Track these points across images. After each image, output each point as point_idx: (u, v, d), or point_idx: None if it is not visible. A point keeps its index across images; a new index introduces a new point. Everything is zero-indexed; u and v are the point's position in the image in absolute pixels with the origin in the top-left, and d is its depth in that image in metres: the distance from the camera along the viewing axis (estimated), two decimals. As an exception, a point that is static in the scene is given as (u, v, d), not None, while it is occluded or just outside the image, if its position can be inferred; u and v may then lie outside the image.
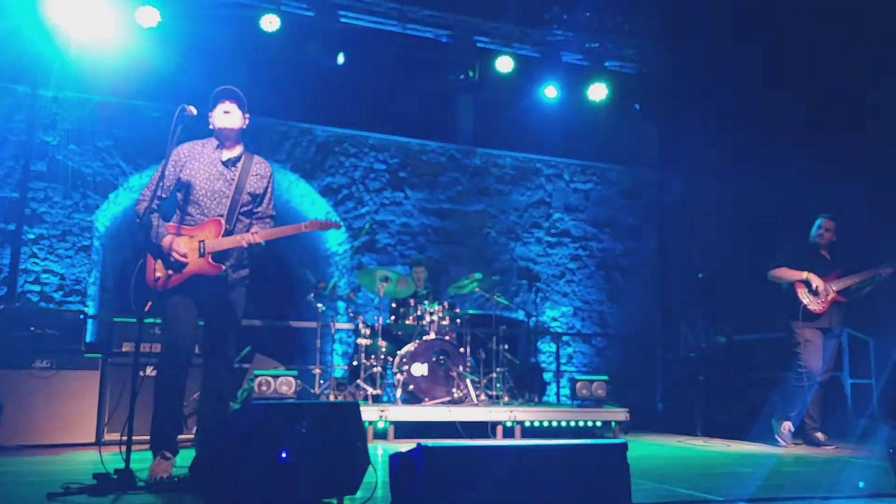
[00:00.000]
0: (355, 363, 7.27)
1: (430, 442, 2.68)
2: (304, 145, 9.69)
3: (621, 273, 11.27)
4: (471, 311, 7.86)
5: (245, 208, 4.28)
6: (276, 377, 6.48)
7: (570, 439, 4.76)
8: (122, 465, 3.43)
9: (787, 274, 6.68)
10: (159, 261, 4.06)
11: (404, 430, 6.45)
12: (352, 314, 7.67)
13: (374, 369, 7.01)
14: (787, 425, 6.42)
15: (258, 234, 4.15)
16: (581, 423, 7.00)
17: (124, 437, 3.52)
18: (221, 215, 4.17)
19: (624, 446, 2.88)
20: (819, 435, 6.42)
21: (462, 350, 7.22)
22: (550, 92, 10.27)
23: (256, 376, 6.46)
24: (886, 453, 3.57)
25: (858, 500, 3.56)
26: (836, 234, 6.85)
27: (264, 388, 6.43)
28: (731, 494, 3.63)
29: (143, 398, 4.15)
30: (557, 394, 9.67)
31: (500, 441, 6.36)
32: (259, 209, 4.38)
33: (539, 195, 10.96)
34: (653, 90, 10.90)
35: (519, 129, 10.73)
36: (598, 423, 7.09)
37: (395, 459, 2.87)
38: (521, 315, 10.18)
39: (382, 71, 9.78)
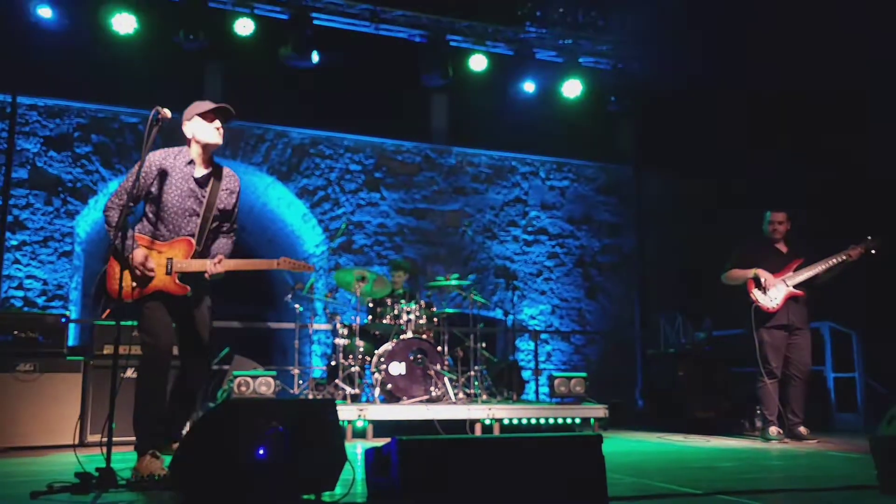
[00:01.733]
0: (333, 363, 7.29)
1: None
2: (280, 148, 9.71)
3: (599, 270, 11.32)
4: (448, 310, 7.88)
5: (213, 225, 4.23)
6: (255, 378, 6.50)
7: (537, 434, 4.73)
8: (103, 465, 3.46)
9: (737, 274, 6.58)
10: (126, 272, 3.89)
11: (383, 428, 6.45)
12: (329, 314, 7.70)
13: (353, 369, 7.03)
14: (774, 430, 6.36)
15: (220, 265, 4.07)
16: (560, 420, 6.98)
17: (105, 438, 3.55)
18: (192, 234, 4.11)
19: (599, 438, 2.91)
20: (802, 429, 6.37)
21: (440, 349, 7.24)
22: (528, 87, 10.29)
23: (235, 377, 6.48)
24: (869, 445, 3.56)
25: (840, 493, 3.56)
26: (790, 225, 6.68)
27: (243, 388, 6.46)
28: (711, 487, 3.62)
29: (123, 399, 4.15)
30: (536, 391, 9.73)
31: (475, 435, 6.39)
32: (225, 224, 4.36)
33: (515, 193, 11.01)
34: (628, 86, 10.92)
35: (494, 127, 10.76)
36: (578, 420, 7.08)
37: (371, 454, 2.91)
38: (499, 314, 10.23)
39: (357, 72, 9.82)
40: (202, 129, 4.15)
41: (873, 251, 6.34)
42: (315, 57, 8.98)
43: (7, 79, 7.96)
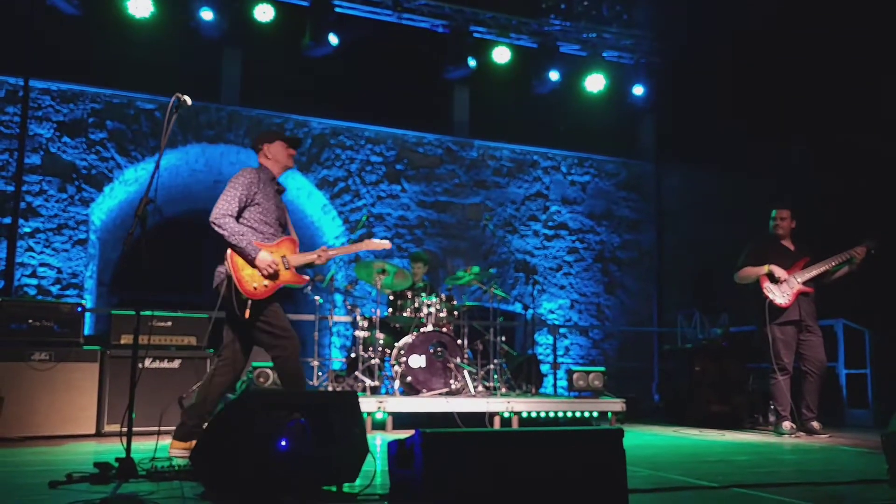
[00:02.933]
0: (353, 355, 7.28)
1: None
2: (299, 137, 9.67)
3: (618, 266, 11.28)
4: (468, 304, 7.86)
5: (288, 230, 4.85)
6: (274, 369, 6.48)
7: (560, 427, 4.84)
8: (122, 455, 3.45)
9: (750, 272, 6.65)
10: (250, 271, 4.41)
11: (402, 421, 6.45)
12: (349, 307, 7.66)
13: (372, 361, 7.02)
14: (787, 424, 6.42)
15: (325, 253, 4.76)
16: (578, 414, 6.99)
17: (125, 428, 3.53)
18: (287, 235, 4.72)
19: (620, 433, 2.87)
20: (815, 424, 6.40)
21: (459, 342, 7.22)
22: (553, 75, 10.22)
23: (255, 368, 6.48)
24: (881, 440, 3.57)
25: (851, 487, 3.57)
26: (794, 222, 6.77)
27: (262, 379, 6.46)
28: (727, 480, 3.65)
29: (141, 389, 4.15)
30: (555, 385, 9.67)
31: (498, 429, 6.37)
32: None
33: (536, 187, 10.95)
34: (651, 82, 10.89)
35: (516, 120, 10.74)
36: (595, 414, 7.10)
37: (394, 446, 2.88)
38: (518, 307, 10.19)
39: (378, 63, 9.79)
40: (282, 153, 4.81)
41: (874, 251, 6.44)
42: (334, 39, 8.91)
43: (19, 62, 7.91)
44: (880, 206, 7.72)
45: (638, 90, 10.88)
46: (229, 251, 4.42)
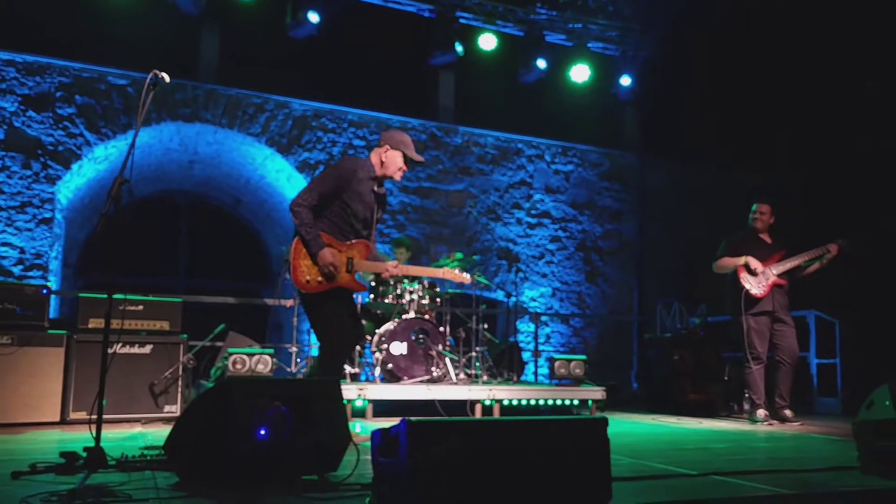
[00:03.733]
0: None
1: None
2: (280, 119, 9.49)
3: (600, 255, 11.27)
4: (451, 291, 7.77)
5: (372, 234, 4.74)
6: (251, 355, 6.32)
7: (550, 416, 4.88)
8: (89, 444, 3.29)
9: (727, 262, 6.83)
10: (308, 262, 4.35)
11: (383, 408, 6.41)
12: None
13: (352, 348, 6.89)
14: (761, 413, 6.61)
15: (397, 269, 4.64)
16: (559, 402, 7.02)
17: (92, 416, 3.37)
18: (366, 238, 4.60)
19: (605, 422, 2.87)
20: (788, 412, 6.63)
21: (441, 329, 7.14)
22: (539, 64, 10.17)
23: (230, 354, 6.31)
24: (852, 428, 3.72)
25: (825, 473, 3.67)
26: (773, 217, 6.97)
27: (239, 366, 6.28)
28: (705, 468, 3.74)
29: (111, 375, 3.99)
30: (535, 373, 9.65)
31: (483, 417, 6.31)
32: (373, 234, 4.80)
33: (520, 176, 10.87)
34: (635, 73, 10.93)
35: (501, 108, 10.69)
36: (576, 402, 7.12)
37: (378, 435, 2.79)
38: (500, 295, 10.13)
39: (363, 45, 9.64)
40: (397, 165, 4.61)
41: (846, 250, 6.69)
42: (314, 17, 8.73)
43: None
44: (857, 201, 7.82)
45: (623, 81, 10.94)
46: (297, 238, 4.40)
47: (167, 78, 3.78)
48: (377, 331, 7.04)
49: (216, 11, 8.82)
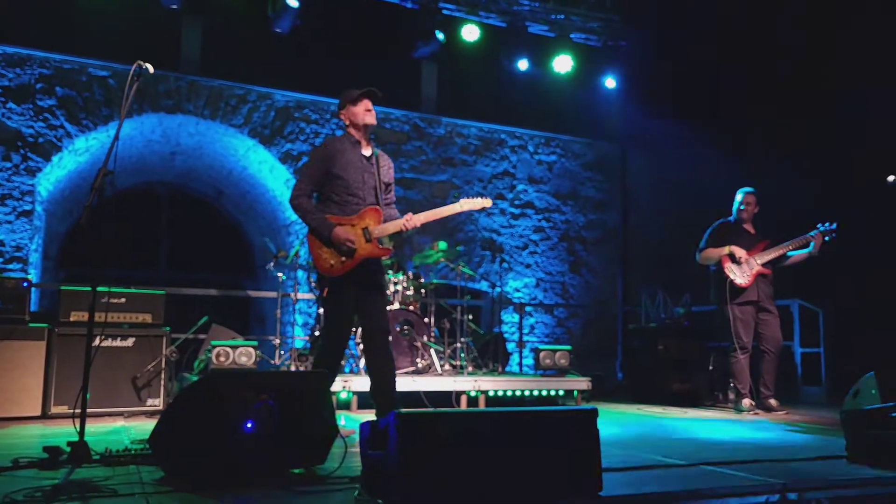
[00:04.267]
0: (317, 333, 7.12)
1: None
2: (262, 110, 9.41)
3: (584, 245, 11.29)
4: (435, 281, 7.75)
5: (382, 197, 4.61)
6: (234, 347, 6.27)
7: (535, 407, 4.93)
8: (72, 438, 3.25)
9: (712, 253, 6.82)
10: (328, 248, 4.32)
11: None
12: (313, 284, 7.49)
13: (336, 339, 6.86)
14: (746, 402, 6.61)
15: (414, 220, 4.46)
16: (545, 393, 7.03)
17: (75, 410, 3.33)
18: (374, 204, 4.48)
19: (594, 413, 2.90)
20: (773, 402, 6.61)
21: (426, 320, 7.13)
22: (520, 63, 10.20)
23: (214, 346, 6.26)
24: (839, 417, 3.75)
25: (812, 463, 3.68)
26: (757, 207, 6.97)
27: (222, 358, 6.22)
28: (694, 458, 3.74)
29: (94, 369, 3.93)
30: (520, 363, 9.65)
31: (474, 409, 6.31)
32: (388, 196, 4.69)
33: (504, 166, 10.86)
34: (617, 64, 10.95)
35: (484, 99, 10.67)
36: (561, 392, 7.13)
37: (367, 427, 2.78)
38: (484, 286, 10.12)
39: (346, 36, 9.57)
40: (357, 112, 4.55)
41: (829, 238, 6.67)
42: (294, 2, 8.65)
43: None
44: (839, 191, 7.88)
45: (605, 72, 10.96)
46: (309, 231, 4.38)
47: (151, 69, 3.74)
48: (362, 322, 7.01)
49: (198, 2, 8.73)
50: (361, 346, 6.82)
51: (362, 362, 6.77)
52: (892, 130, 7.50)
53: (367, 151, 4.55)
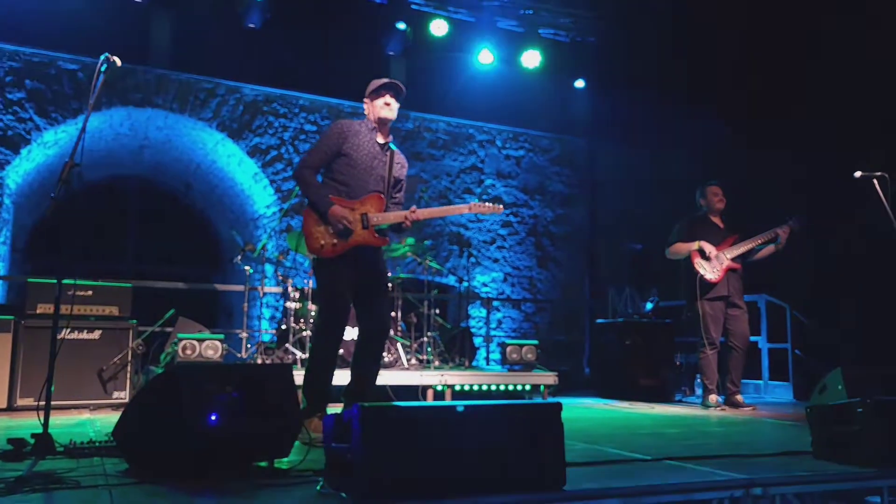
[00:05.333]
0: (284, 327, 7.12)
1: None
2: (231, 104, 9.38)
3: (551, 240, 11.37)
4: (402, 275, 7.79)
5: (391, 190, 4.51)
6: (201, 341, 6.27)
7: (501, 401, 4.90)
8: (38, 430, 3.26)
9: (681, 248, 6.78)
10: (322, 227, 4.22)
11: (334, 393, 6.37)
12: (281, 277, 7.50)
13: (304, 333, 6.88)
14: (713, 397, 6.60)
15: (417, 213, 4.36)
16: (511, 387, 7.04)
17: (40, 402, 3.34)
18: (379, 192, 4.37)
19: (559, 407, 2.89)
20: (739, 398, 6.59)
21: (393, 314, 7.16)
22: (485, 57, 10.24)
23: (180, 339, 6.25)
24: (805, 413, 3.70)
25: (777, 458, 3.68)
26: (724, 200, 6.92)
27: (189, 351, 6.22)
28: (659, 453, 3.73)
29: (60, 361, 3.94)
30: (487, 358, 9.73)
31: (438, 402, 6.35)
32: (397, 195, 4.60)
33: (472, 161, 10.91)
34: (586, 59, 11.02)
35: (452, 93, 10.68)
36: (528, 387, 7.14)
37: (330, 420, 2.80)
38: (452, 280, 10.17)
39: (315, 31, 9.56)
40: (375, 106, 4.49)
41: (797, 230, 6.64)
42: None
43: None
44: (804, 184, 7.97)
45: (573, 68, 11.00)
46: (307, 205, 4.30)
47: (118, 62, 3.75)
48: (329, 316, 7.02)
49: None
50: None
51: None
52: (865, 126, 7.59)
53: (381, 139, 4.50)
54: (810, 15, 8.08)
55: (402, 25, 9.56)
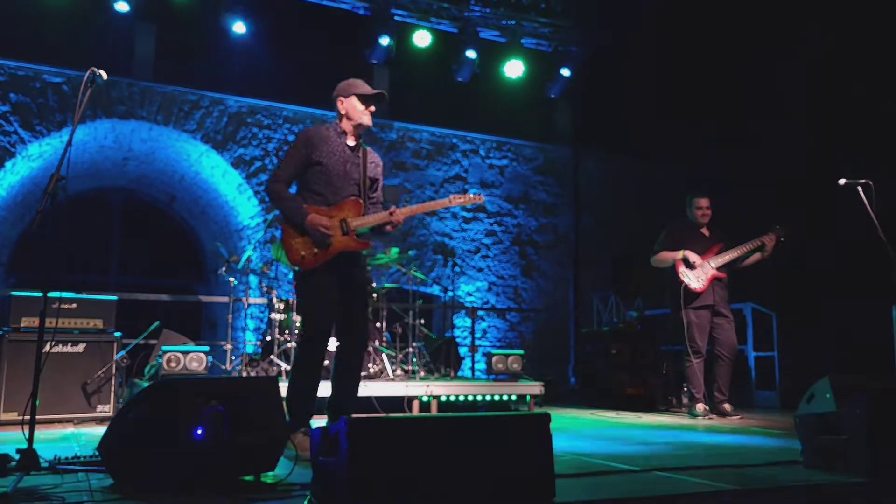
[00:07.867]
0: (269, 338, 7.11)
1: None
2: (215, 115, 9.38)
3: (535, 249, 11.40)
4: (387, 286, 7.78)
5: (367, 192, 4.39)
6: (185, 353, 6.24)
7: (488, 412, 4.88)
8: (22, 445, 3.24)
9: (666, 256, 6.74)
10: (301, 238, 4.12)
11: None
12: (265, 288, 7.48)
13: (289, 345, 6.87)
14: (700, 406, 6.57)
15: (397, 213, 4.23)
16: (497, 398, 6.98)
17: (25, 416, 3.32)
18: (355, 195, 4.26)
19: (547, 418, 2.88)
20: (726, 406, 6.57)
21: (378, 325, 7.15)
22: (472, 62, 10.28)
23: (164, 352, 6.23)
24: (794, 422, 3.70)
25: (767, 468, 3.66)
26: (711, 210, 6.88)
27: (173, 364, 6.19)
28: (647, 464, 3.70)
29: (44, 375, 3.92)
30: (472, 368, 9.70)
31: (426, 413, 6.34)
32: (374, 195, 4.47)
33: (455, 170, 10.95)
34: (568, 69, 11.07)
35: (436, 103, 10.73)
36: (514, 397, 7.09)
37: (317, 433, 2.79)
38: (436, 290, 10.17)
39: (298, 43, 9.59)
40: (357, 111, 4.32)
41: (782, 238, 6.61)
42: (241, 28, 8.69)
43: None
44: (790, 192, 8.03)
45: (555, 77, 11.06)
46: (282, 219, 4.21)
47: (104, 75, 3.74)
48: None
49: (151, 9, 8.70)
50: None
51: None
52: (847, 134, 7.65)
53: (351, 142, 4.35)
54: (788, 19, 8.16)
55: (385, 40, 9.59)
